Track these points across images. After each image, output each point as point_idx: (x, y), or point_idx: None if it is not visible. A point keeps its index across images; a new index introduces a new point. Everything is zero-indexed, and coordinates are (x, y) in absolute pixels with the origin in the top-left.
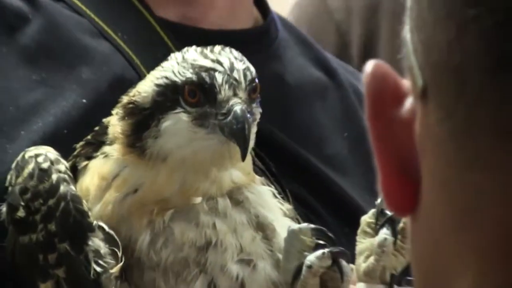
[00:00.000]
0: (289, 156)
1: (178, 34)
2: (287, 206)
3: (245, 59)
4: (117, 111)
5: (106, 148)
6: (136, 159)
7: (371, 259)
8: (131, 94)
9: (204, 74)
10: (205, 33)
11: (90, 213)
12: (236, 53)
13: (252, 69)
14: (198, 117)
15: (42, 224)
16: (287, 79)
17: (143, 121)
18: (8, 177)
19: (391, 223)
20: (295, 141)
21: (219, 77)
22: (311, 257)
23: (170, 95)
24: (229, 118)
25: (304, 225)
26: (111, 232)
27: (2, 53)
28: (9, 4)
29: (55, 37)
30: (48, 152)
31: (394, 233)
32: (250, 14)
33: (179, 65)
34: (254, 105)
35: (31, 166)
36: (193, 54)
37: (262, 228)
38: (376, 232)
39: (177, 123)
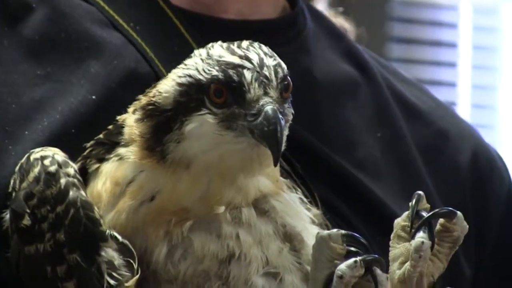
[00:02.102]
0: (317, 158)
1: (195, 24)
2: (315, 212)
3: (275, 55)
4: (134, 110)
5: (120, 150)
6: (155, 164)
7: (407, 265)
8: (150, 94)
9: (231, 72)
10: (225, 23)
11: (102, 221)
12: (265, 48)
13: (284, 66)
14: (225, 119)
15: (50, 233)
16: (315, 75)
17: (164, 123)
18: (12, 181)
19: (428, 225)
20: (324, 142)
21: (248, 75)
22: (342, 266)
23: (194, 95)
24: (260, 119)
25: (334, 231)
26: (126, 241)
27: (3, 46)
28: None
29: (61, 27)
30: (55, 154)
31: (431, 236)
32: (276, 2)
33: (203, 62)
34: (286, 105)
35: (37, 170)
36: (219, 50)
37: (290, 238)
38: (411, 236)
39: (202, 125)
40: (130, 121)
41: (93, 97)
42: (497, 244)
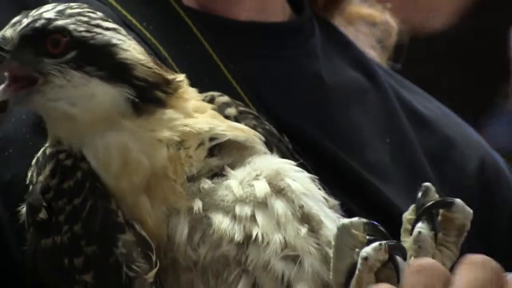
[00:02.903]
0: (327, 159)
1: (207, 24)
2: (332, 202)
3: (69, 19)
4: None
5: None
6: None
7: (412, 257)
8: None
9: None
10: (236, 24)
11: (119, 212)
12: (70, 11)
13: (60, 25)
14: None
15: (67, 226)
16: (325, 79)
17: None
18: (29, 174)
19: (429, 216)
20: (335, 143)
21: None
22: (367, 249)
23: None
24: None
25: (356, 219)
26: (143, 233)
27: None
28: None
29: None
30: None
31: (434, 226)
32: (282, 8)
33: None
34: (49, 59)
35: (53, 163)
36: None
37: (308, 219)
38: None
39: None
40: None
41: None
42: (504, 253)
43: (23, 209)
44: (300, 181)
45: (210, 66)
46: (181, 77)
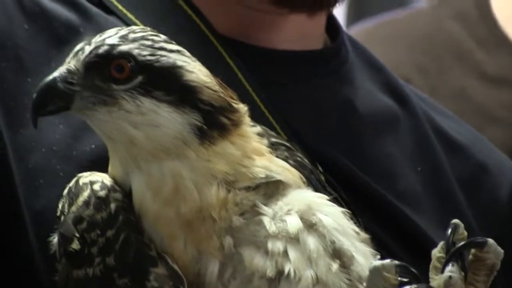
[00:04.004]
0: (359, 187)
1: (240, 53)
2: (363, 236)
3: (131, 44)
4: None
5: None
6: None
7: None
8: None
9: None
10: (269, 53)
11: (152, 245)
12: (133, 35)
13: (124, 50)
14: None
15: (100, 257)
16: (357, 106)
17: None
18: (60, 204)
19: (460, 256)
20: (366, 172)
21: (77, 46)
22: None
23: None
24: None
25: (387, 261)
26: (175, 266)
27: (51, 68)
28: (58, 16)
29: None
30: (104, 179)
31: (464, 267)
32: (321, 35)
33: None
34: (117, 86)
35: (86, 194)
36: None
37: (339, 255)
38: (441, 269)
39: None
40: None
41: None
42: None
43: (54, 239)
44: (332, 216)
45: (242, 94)
46: (244, 108)
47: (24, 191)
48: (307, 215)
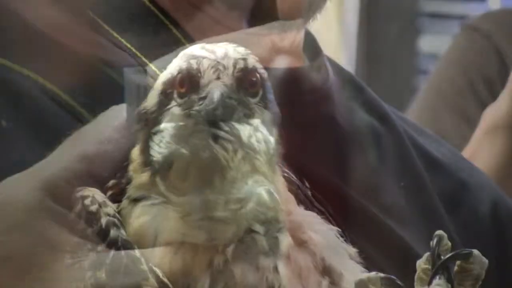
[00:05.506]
0: (345, 203)
1: None
2: (351, 250)
3: (250, 56)
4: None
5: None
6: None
7: None
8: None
9: (192, 61)
10: None
11: (142, 260)
12: (240, 49)
13: (252, 63)
14: (186, 107)
15: (91, 272)
16: (340, 123)
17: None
18: None
19: (445, 268)
20: (351, 188)
21: (206, 62)
22: None
23: (168, 90)
24: (205, 100)
25: (373, 274)
26: (166, 280)
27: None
28: None
29: None
30: (95, 194)
31: (450, 278)
32: (299, 54)
33: (179, 59)
34: (252, 99)
35: (77, 209)
36: (193, 48)
37: (329, 272)
38: (428, 282)
39: (171, 118)
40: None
41: None
42: None
43: None
44: (322, 233)
45: None
46: None
47: None
48: (297, 233)
